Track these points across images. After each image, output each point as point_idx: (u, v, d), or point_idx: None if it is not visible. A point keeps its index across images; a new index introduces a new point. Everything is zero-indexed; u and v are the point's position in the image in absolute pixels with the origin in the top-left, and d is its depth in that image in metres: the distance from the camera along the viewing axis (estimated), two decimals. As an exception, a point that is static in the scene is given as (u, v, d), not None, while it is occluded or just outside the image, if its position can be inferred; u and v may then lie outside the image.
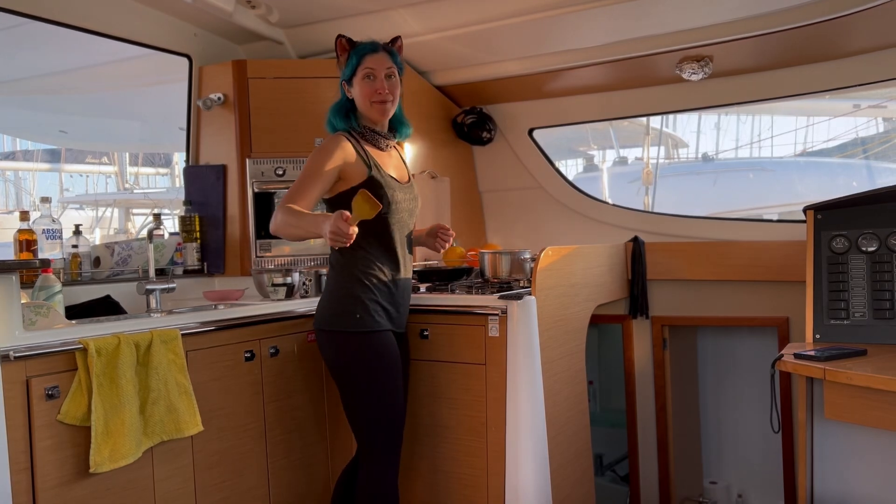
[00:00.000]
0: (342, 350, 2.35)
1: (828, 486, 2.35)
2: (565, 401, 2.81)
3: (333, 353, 2.38)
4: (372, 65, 2.37)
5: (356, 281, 2.34)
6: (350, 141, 2.36)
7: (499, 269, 2.90)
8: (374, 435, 2.35)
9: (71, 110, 4.67)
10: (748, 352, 3.62)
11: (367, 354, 2.33)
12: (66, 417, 1.94)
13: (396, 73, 2.42)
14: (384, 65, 2.38)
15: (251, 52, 3.60)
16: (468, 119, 3.80)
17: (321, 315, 2.39)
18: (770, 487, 3.52)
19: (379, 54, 2.39)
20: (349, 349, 2.34)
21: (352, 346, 2.33)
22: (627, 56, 3.16)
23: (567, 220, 3.82)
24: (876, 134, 7.32)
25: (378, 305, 2.35)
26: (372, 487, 2.35)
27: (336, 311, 2.35)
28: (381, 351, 2.34)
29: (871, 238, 2.43)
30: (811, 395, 2.33)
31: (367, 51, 2.39)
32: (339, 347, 2.35)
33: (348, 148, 2.34)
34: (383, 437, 2.36)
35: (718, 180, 7.45)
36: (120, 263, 3.03)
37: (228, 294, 2.90)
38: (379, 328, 2.34)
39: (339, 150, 2.32)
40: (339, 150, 2.32)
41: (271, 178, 3.29)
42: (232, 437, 2.42)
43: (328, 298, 2.40)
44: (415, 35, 3.28)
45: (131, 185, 10.77)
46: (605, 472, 4.00)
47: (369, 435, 2.36)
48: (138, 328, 2.15)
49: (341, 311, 2.33)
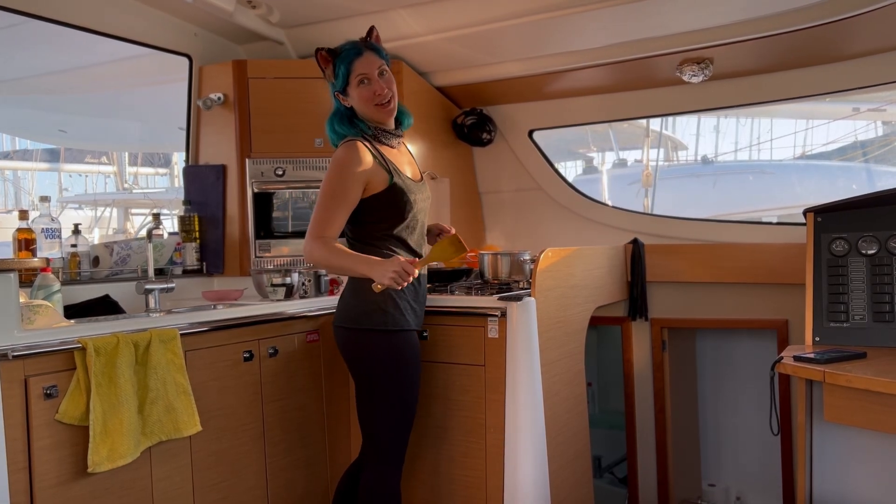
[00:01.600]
0: (369, 348, 2.31)
1: (827, 489, 2.34)
2: (564, 402, 2.81)
3: (359, 351, 2.34)
4: (363, 69, 2.30)
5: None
6: (365, 146, 2.30)
7: (498, 270, 2.90)
8: (388, 435, 2.34)
9: (70, 110, 4.67)
10: (747, 354, 3.62)
11: (395, 354, 2.31)
12: (64, 417, 1.94)
13: (386, 66, 2.36)
14: (375, 64, 2.31)
15: (251, 52, 3.60)
16: (468, 120, 3.80)
17: (347, 313, 2.35)
18: (769, 490, 3.52)
19: (365, 55, 2.31)
20: (378, 348, 2.31)
21: (381, 345, 2.30)
22: (628, 58, 3.16)
23: (567, 221, 3.82)
24: (875, 137, 7.32)
25: (407, 304, 2.34)
26: (379, 487, 2.34)
27: (366, 310, 2.29)
28: (409, 351, 2.34)
29: (871, 241, 2.42)
30: (810, 397, 2.33)
31: (353, 55, 2.31)
32: (367, 346, 2.31)
33: (367, 156, 2.28)
34: (396, 438, 2.35)
35: (718, 183, 7.45)
36: (119, 263, 3.02)
37: (227, 294, 2.90)
38: (408, 327, 2.34)
39: (358, 162, 2.25)
40: (359, 163, 2.25)
41: (271, 178, 3.29)
42: (230, 437, 2.42)
43: (354, 296, 2.34)
44: (415, 36, 3.28)
45: (130, 185, 10.77)
46: (603, 473, 4.00)
47: (383, 435, 2.34)
48: (137, 328, 2.15)
49: (371, 309, 2.28)
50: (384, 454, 2.35)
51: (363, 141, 2.31)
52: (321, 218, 2.24)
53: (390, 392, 2.32)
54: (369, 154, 2.29)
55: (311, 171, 3.31)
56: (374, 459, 2.36)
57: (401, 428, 2.35)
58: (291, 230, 3.34)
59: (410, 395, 2.36)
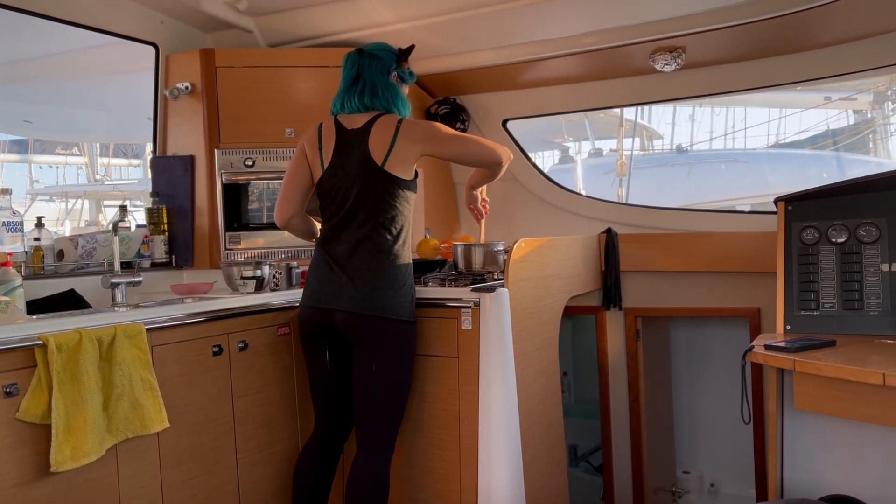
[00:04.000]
0: (405, 340, 2.42)
1: (797, 475, 2.36)
2: (539, 393, 2.80)
3: (408, 343, 2.44)
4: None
5: (408, 268, 2.45)
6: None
7: (472, 261, 2.87)
8: (393, 425, 2.45)
9: (35, 99, 4.56)
10: (720, 343, 3.65)
11: (415, 344, 2.50)
12: (25, 415, 1.88)
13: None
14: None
15: (219, 40, 3.53)
16: (441, 110, 3.76)
17: (379, 301, 2.35)
18: (741, 476, 3.55)
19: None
20: (410, 339, 2.45)
21: (412, 336, 2.46)
22: (600, 47, 3.15)
23: (541, 211, 3.82)
24: (846, 126, 7.41)
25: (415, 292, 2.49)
26: (378, 475, 2.39)
27: (401, 301, 2.39)
28: (417, 341, 2.53)
29: (841, 229, 2.44)
30: (781, 385, 2.34)
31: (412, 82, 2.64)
32: (402, 337, 2.41)
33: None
34: (396, 428, 2.47)
35: (692, 172, 7.49)
36: (84, 257, 2.96)
37: (196, 287, 2.85)
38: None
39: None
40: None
41: (240, 168, 3.24)
42: (200, 433, 2.38)
43: (389, 285, 2.37)
44: (386, 24, 3.24)
45: (102, 176, 10.60)
46: (578, 462, 4.01)
47: (390, 424, 2.43)
48: (101, 323, 2.09)
49: (406, 300, 2.41)
50: (385, 442, 2.43)
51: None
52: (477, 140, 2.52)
53: (406, 383, 2.47)
54: None
55: (281, 162, 3.25)
56: (376, 447, 2.41)
57: (401, 418, 2.50)
58: (266, 221, 3.30)
59: (410, 384, 2.53)
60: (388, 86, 2.48)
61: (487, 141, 2.51)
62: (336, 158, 2.44)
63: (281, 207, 2.55)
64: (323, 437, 2.57)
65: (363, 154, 2.39)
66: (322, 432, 2.57)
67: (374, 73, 2.47)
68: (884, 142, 7.27)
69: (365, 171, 2.38)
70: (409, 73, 2.58)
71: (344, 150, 2.43)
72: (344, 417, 2.54)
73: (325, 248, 2.47)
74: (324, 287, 2.43)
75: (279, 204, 2.55)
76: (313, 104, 3.24)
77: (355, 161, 2.40)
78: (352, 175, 2.40)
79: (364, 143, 2.40)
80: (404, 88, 2.58)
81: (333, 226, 2.45)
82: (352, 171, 2.40)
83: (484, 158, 2.49)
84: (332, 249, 2.44)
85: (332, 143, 2.45)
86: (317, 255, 2.50)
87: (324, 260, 2.45)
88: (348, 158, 2.42)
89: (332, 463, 2.58)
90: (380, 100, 2.46)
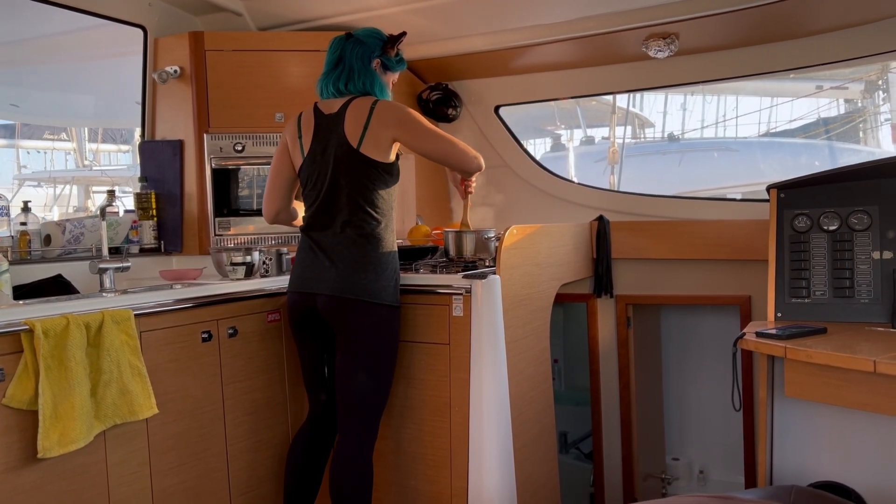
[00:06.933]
0: (387, 325, 2.40)
1: (786, 463, 2.37)
2: (529, 380, 2.80)
3: (391, 328, 2.42)
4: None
5: (393, 253, 2.43)
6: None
7: (463, 248, 2.86)
8: (375, 410, 2.43)
9: (21, 82, 4.49)
10: (711, 330, 3.65)
11: (398, 330, 2.48)
12: (11, 401, 1.87)
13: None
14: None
15: (209, 23, 3.48)
16: (433, 95, 3.74)
17: (359, 285, 2.34)
18: (731, 463, 3.57)
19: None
20: (393, 324, 2.43)
21: (395, 322, 2.44)
22: (594, 32, 3.12)
23: (533, 198, 3.80)
24: (838, 115, 7.41)
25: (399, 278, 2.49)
26: (359, 460, 2.38)
27: (384, 285, 2.38)
28: (402, 327, 2.53)
29: (833, 217, 2.44)
30: (772, 373, 2.35)
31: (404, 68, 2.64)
32: (384, 322, 2.40)
33: None
34: (378, 414, 2.45)
35: (684, 160, 7.49)
36: (72, 242, 2.92)
37: (185, 273, 2.83)
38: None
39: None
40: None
41: (230, 153, 3.21)
42: (189, 419, 2.37)
43: (371, 269, 2.36)
44: (378, 8, 3.21)
45: (91, 161, 10.51)
46: (569, 449, 4.02)
47: (373, 409, 2.42)
48: (89, 308, 2.07)
49: (389, 285, 2.40)
50: (373, 426, 2.42)
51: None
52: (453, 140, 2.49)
53: (391, 368, 2.47)
54: None
55: (271, 147, 3.22)
56: (359, 432, 2.40)
57: (385, 403, 2.49)
58: (256, 207, 3.27)
59: (393, 370, 2.53)
60: (367, 72, 2.45)
61: (465, 146, 2.49)
62: (315, 144, 2.43)
63: (268, 204, 2.58)
64: (315, 423, 2.56)
65: (339, 138, 2.38)
66: (314, 418, 2.57)
67: (355, 59, 2.45)
68: (874, 131, 7.28)
69: (342, 154, 2.37)
70: (398, 62, 2.54)
71: (322, 135, 2.42)
72: (334, 403, 2.54)
73: (309, 233, 2.46)
74: (307, 272, 2.43)
75: (266, 200, 2.58)
76: (304, 89, 3.20)
77: (333, 145, 2.39)
78: (330, 160, 2.39)
79: (340, 127, 2.39)
80: (390, 76, 2.55)
81: (315, 211, 2.44)
82: (330, 156, 2.39)
83: (458, 163, 2.50)
84: (315, 235, 2.43)
85: (311, 130, 2.45)
86: (302, 241, 2.49)
87: (308, 245, 2.45)
88: (327, 143, 2.41)
89: (325, 449, 2.57)
90: (355, 84, 2.44)
